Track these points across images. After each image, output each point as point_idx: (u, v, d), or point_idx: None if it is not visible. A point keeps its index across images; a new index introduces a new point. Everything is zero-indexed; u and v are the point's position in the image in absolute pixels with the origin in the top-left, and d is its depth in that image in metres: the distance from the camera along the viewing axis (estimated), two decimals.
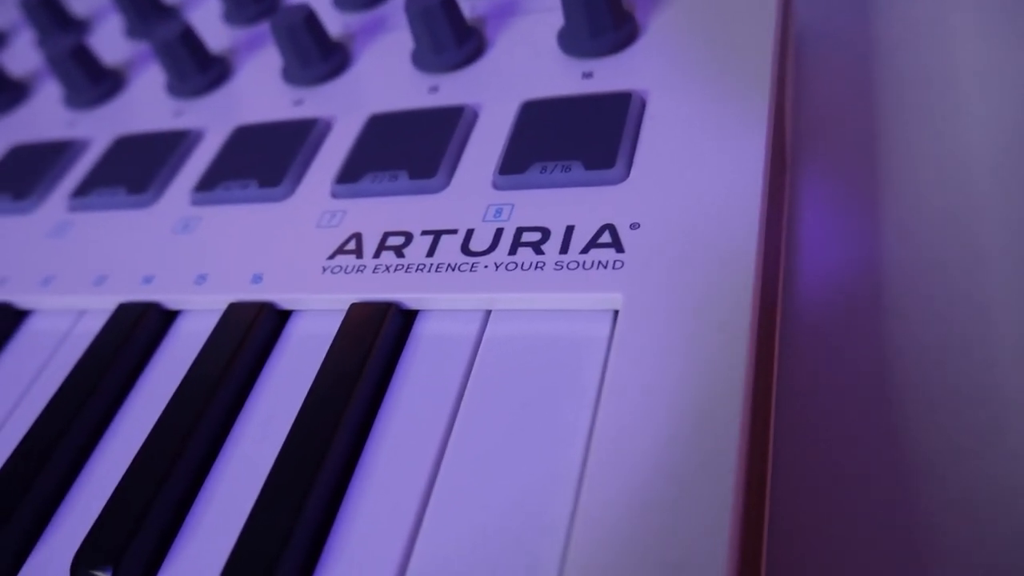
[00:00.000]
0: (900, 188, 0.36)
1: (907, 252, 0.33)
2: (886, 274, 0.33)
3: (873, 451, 0.28)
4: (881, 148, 0.37)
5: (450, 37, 0.36)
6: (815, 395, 0.30)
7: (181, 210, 0.35)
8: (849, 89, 0.40)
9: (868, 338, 0.31)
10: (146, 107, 0.42)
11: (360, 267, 0.29)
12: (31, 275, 0.35)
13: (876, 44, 0.42)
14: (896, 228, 0.34)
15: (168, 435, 0.27)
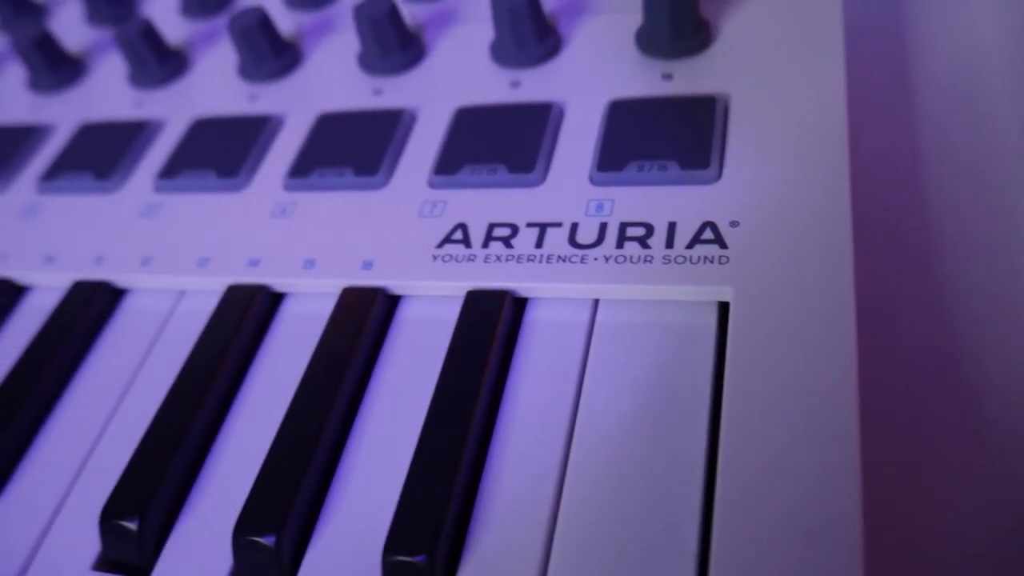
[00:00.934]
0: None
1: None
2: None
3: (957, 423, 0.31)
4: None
5: (532, 33, 0.37)
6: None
7: (275, 195, 0.36)
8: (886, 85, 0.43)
9: None
10: (216, 91, 0.43)
11: (471, 256, 0.31)
12: (129, 255, 0.36)
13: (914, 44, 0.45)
14: None
15: (304, 417, 0.29)
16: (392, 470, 0.27)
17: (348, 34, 0.43)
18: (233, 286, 0.33)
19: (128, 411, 0.32)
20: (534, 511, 0.25)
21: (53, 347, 0.33)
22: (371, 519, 0.26)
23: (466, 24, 0.42)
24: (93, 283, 0.35)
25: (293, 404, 0.29)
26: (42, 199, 0.40)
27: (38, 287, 0.37)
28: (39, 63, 0.45)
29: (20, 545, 0.29)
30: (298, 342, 0.32)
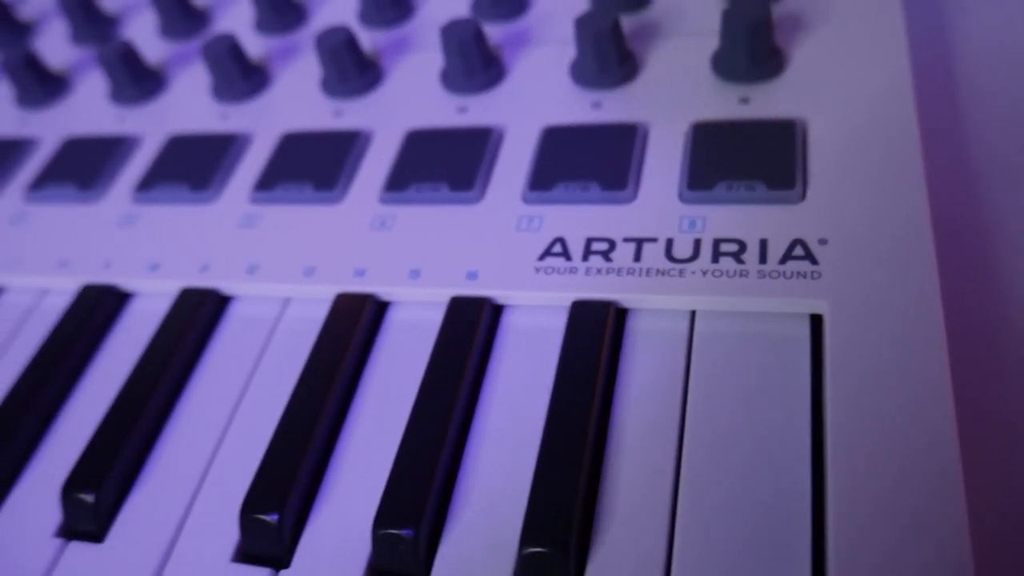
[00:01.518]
0: None
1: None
2: None
3: None
4: None
5: (613, 55, 0.40)
6: None
7: (372, 208, 0.38)
8: None
9: None
10: (301, 106, 0.45)
11: (572, 268, 0.34)
12: (234, 264, 0.38)
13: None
14: None
15: (427, 419, 0.31)
16: (516, 470, 0.29)
17: (428, 53, 0.45)
18: (342, 294, 0.35)
19: (249, 410, 0.34)
20: (654, 509, 0.28)
21: (169, 350, 0.35)
22: (503, 512, 0.28)
23: (546, 46, 0.44)
24: (201, 290, 0.37)
25: (416, 407, 0.31)
26: (139, 209, 0.42)
27: (142, 294, 0.39)
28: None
29: (158, 538, 0.31)
30: (408, 348, 0.34)
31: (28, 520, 0.32)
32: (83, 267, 0.40)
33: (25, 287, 0.41)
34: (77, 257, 0.40)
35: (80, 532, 0.32)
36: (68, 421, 0.35)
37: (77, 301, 0.39)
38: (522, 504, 0.28)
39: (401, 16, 0.48)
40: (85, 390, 0.36)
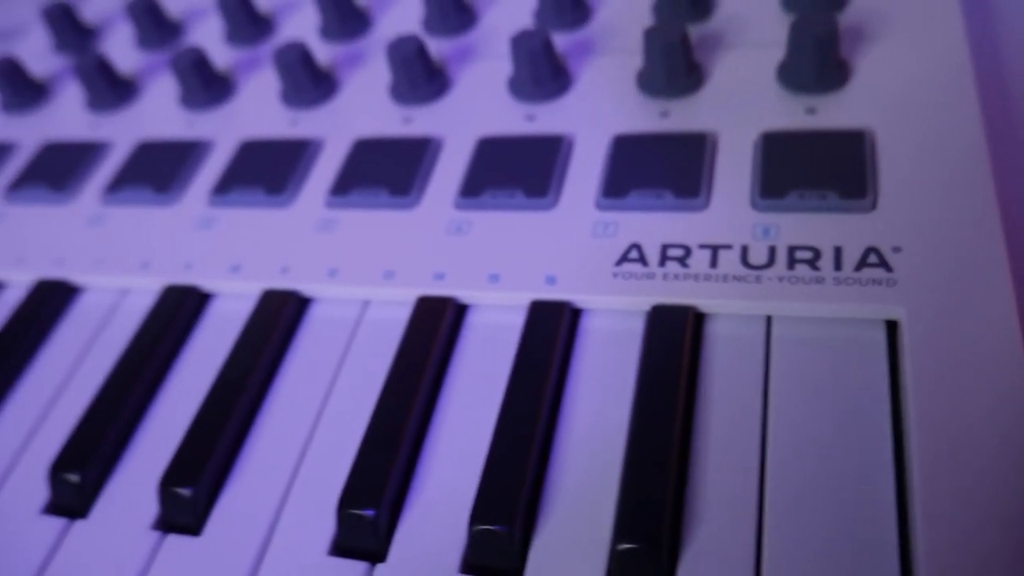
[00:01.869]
0: None
1: None
2: None
3: None
4: None
5: (682, 67, 0.41)
6: None
7: (448, 213, 0.39)
8: None
9: None
10: (369, 112, 0.46)
11: (649, 274, 0.35)
12: (314, 267, 0.39)
13: None
14: None
15: (515, 421, 0.32)
16: (602, 469, 0.31)
17: (493, 61, 0.46)
18: (424, 297, 0.37)
19: (336, 409, 0.35)
20: (741, 509, 0.29)
21: (256, 350, 0.37)
22: (593, 509, 0.30)
23: (611, 55, 0.45)
24: (283, 292, 0.39)
25: (505, 406, 0.32)
26: (216, 212, 0.43)
27: (223, 295, 0.40)
28: (192, 81, 0.48)
29: (254, 532, 0.32)
30: (490, 349, 0.35)
31: (123, 515, 0.34)
32: (164, 268, 0.41)
33: (106, 287, 0.42)
34: (157, 258, 0.42)
35: (178, 525, 0.33)
36: (159, 418, 0.37)
37: (161, 301, 0.40)
38: (611, 502, 0.29)
39: (465, 24, 0.49)
40: (173, 388, 0.38)
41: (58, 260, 0.43)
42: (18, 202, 0.47)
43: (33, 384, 0.39)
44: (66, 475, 0.34)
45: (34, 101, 0.53)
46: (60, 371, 0.39)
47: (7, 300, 0.43)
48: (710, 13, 0.46)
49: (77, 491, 0.34)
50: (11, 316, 0.41)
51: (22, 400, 0.39)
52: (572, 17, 0.47)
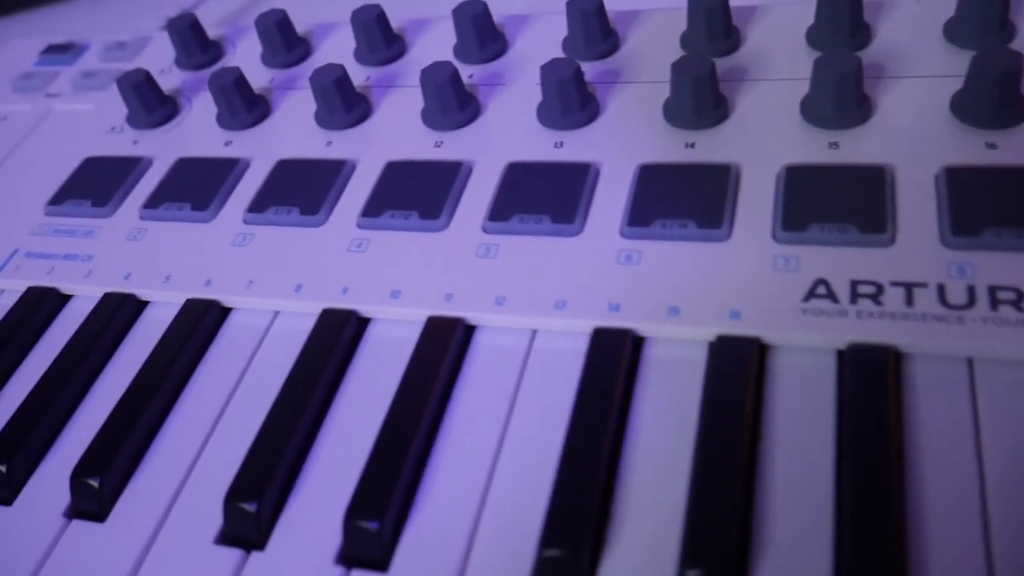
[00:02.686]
0: None
1: None
2: None
3: None
4: None
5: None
6: None
7: (615, 241, 0.39)
8: None
9: None
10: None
11: (841, 311, 0.34)
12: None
13: None
14: None
15: (715, 458, 0.31)
16: (813, 523, 0.30)
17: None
18: (600, 329, 0.36)
19: (517, 438, 0.34)
20: None
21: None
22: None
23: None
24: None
25: (702, 444, 0.32)
26: (366, 234, 0.43)
27: (381, 320, 0.40)
28: (332, 100, 0.48)
29: None
30: (672, 384, 0.35)
31: (303, 545, 0.33)
32: (318, 291, 0.41)
33: (257, 309, 0.42)
34: (311, 281, 0.41)
35: None
36: (328, 446, 0.36)
37: (319, 325, 0.39)
38: None
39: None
40: (342, 412, 0.37)
41: (206, 280, 0.43)
42: (158, 219, 0.47)
43: (193, 409, 0.39)
44: (241, 505, 0.34)
45: (165, 116, 0.53)
46: (219, 395, 0.39)
47: (158, 318, 0.43)
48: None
49: (254, 521, 0.34)
50: (166, 335, 0.41)
51: (184, 423, 0.38)
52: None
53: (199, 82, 0.56)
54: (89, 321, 0.43)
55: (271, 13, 0.54)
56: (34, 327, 0.44)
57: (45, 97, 0.59)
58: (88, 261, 0.46)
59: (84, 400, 0.41)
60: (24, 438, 0.38)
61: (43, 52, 0.63)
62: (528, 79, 0.49)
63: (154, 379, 0.39)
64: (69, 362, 0.41)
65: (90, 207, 0.48)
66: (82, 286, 0.45)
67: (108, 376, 0.41)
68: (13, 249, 0.48)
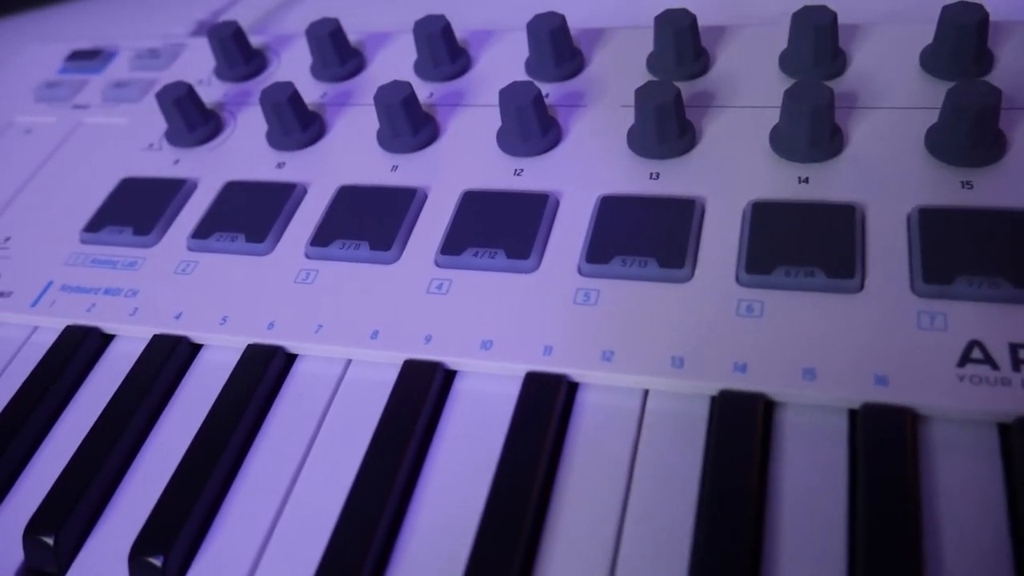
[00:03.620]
0: None
1: None
2: None
3: None
4: None
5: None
6: None
7: (731, 289, 0.35)
8: None
9: None
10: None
11: (1003, 379, 0.30)
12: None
13: None
14: None
15: (881, 537, 0.28)
16: None
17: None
18: (727, 391, 0.32)
19: (641, 502, 0.31)
20: None
21: (537, 440, 0.33)
22: None
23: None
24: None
25: (868, 511, 0.28)
26: (447, 273, 0.39)
27: (469, 373, 0.36)
28: (398, 121, 0.44)
29: None
30: (812, 454, 0.31)
31: None
32: (398, 340, 0.37)
33: (325, 356, 0.38)
34: (387, 327, 0.37)
35: None
36: (425, 501, 0.33)
37: (402, 378, 0.36)
38: None
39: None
40: (434, 469, 0.34)
41: (268, 322, 0.39)
42: (208, 250, 0.43)
43: (264, 470, 0.35)
44: None
45: (209, 133, 0.49)
46: (292, 454, 0.35)
47: (216, 364, 0.39)
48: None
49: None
50: (228, 387, 0.37)
51: (254, 488, 0.35)
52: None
53: (242, 95, 0.52)
54: (139, 367, 0.39)
55: (324, 23, 0.50)
56: (75, 372, 0.40)
57: (72, 108, 0.54)
58: (132, 297, 0.42)
59: (137, 458, 0.37)
60: (73, 506, 0.34)
61: (68, 59, 0.58)
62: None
63: (219, 438, 0.35)
64: (119, 414, 0.37)
65: (131, 235, 0.44)
66: (128, 326, 0.41)
67: (163, 431, 0.37)
68: (47, 281, 0.44)
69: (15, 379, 0.40)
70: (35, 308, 0.43)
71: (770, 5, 0.49)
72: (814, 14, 0.42)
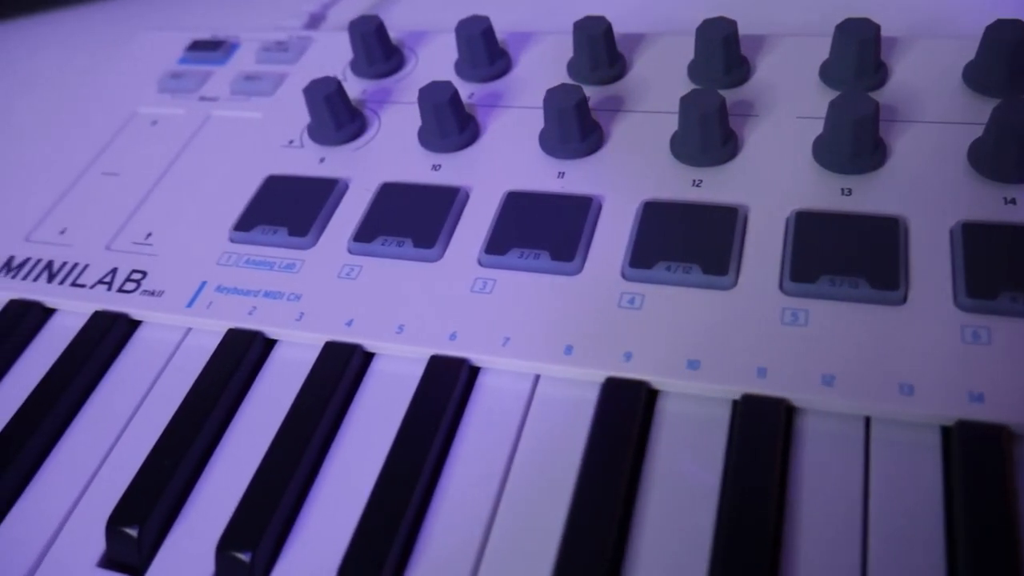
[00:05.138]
0: None
1: None
2: None
3: None
4: None
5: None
6: None
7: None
8: None
9: None
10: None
11: None
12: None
13: None
14: None
15: None
16: None
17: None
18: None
19: None
20: None
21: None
22: None
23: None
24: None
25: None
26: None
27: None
28: (570, 127, 0.43)
29: None
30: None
31: None
32: (595, 357, 0.35)
33: (508, 370, 0.36)
34: (581, 342, 0.36)
35: None
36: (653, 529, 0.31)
37: (605, 398, 0.34)
38: None
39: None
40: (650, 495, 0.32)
41: (450, 333, 0.37)
42: (372, 254, 0.41)
43: (460, 492, 0.34)
44: None
45: (355, 132, 0.47)
46: (493, 471, 0.34)
47: (393, 376, 0.37)
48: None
49: None
50: (417, 401, 0.36)
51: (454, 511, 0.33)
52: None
53: (382, 93, 0.50)
54: (316, 375, 0.37)
55: (474, 21, 0.48)
56: (241, 378, 0.39)
57: (199, 100, 0.53)
58: (296, 301, 0.40)
59: (320, 473, 0.35)
60: (265, 523, 0.33)
61: (188, 49, 0.56)
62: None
63: (414, 456, 0.34)
64: (303, 426, 0.36)
65: (287, 236, 0.43)
66: (295, 331, 0.39)
67: (345, 443, 0.36)
68: (200, 281, 0.42)
69: (176, 384, 0.39)
70: (191, 309, 0.41)
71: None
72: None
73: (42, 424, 0.38)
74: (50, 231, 0.47)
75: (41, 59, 0.69)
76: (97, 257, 0.45)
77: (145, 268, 0.44)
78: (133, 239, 0.45)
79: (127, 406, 0.39)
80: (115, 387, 0.40)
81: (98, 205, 0.48)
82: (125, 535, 0.33)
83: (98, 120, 0.53)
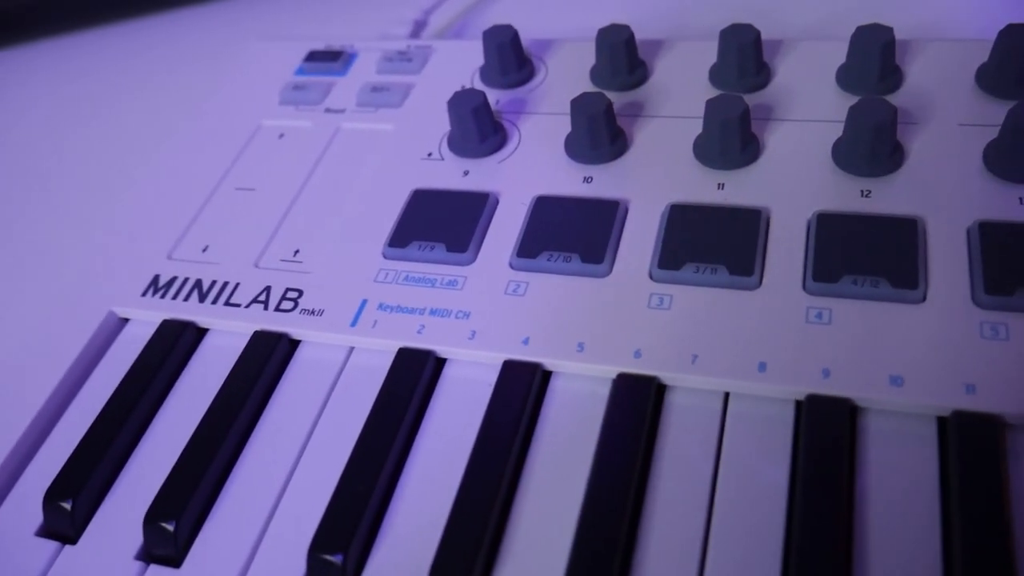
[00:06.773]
0: None
1: None
2: None
3: None
4: None
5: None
6: None
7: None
8: None
9: None
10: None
11: None
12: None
13: None
14: None
15: None
16: None
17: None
18: None
19: None
20: None
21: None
22: None
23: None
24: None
25: None
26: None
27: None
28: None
29: None
30: None
31: None
32: (786, 371, 0.35)
33: (701, 388, 0.36)
34: (774, 358, 0.35)
35: None
36: None
37: (807, 413, 0.34)
38: None
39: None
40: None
41: (634, 351, 0.37)
42: (538, 270, 0.41)
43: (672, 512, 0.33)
44: None
45: (497, 144, 0.47)
46: (697, 489, 0.33)
47: (576, 395, 0.37)
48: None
49: None
50: (609, 423, 0.35)
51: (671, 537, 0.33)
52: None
53: (517, 103, 0.50)
54: (499, 396, 0.37)
55: (616, 30, 0.47)
56: (419, 399, 0.38)
57: (325, 112, 0.52)
58: (465, 319, 0.40)
59: (517, 498, 0.35)
60: (473, 561, 0.32)
61: (306, 59, 0.56)
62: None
63: (617, 482, 0.34)
64: (495, 450, 0.35)
65: (445, 252, 0.42)
66: (468, 351, 0.39)
67: (535, 466, 0.36)
68: (361, 299, 0.42)
69: (350, 407, 0.39)
70: (355, 328, 0.41)
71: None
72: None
73: (223, 443, 0.38)
74: (192, 249, 0.47)
75: (141, 66, 0.69)
76: (247, 275, 0.44)
77: (299, 286, 0.43)
78: (281, 256, 0.45)
79: (301, 427, 0.39)
80: (284, 407, 0.40)
81: (238, 221, 0.47)
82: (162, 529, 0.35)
83: (223, 133, 0.53)
